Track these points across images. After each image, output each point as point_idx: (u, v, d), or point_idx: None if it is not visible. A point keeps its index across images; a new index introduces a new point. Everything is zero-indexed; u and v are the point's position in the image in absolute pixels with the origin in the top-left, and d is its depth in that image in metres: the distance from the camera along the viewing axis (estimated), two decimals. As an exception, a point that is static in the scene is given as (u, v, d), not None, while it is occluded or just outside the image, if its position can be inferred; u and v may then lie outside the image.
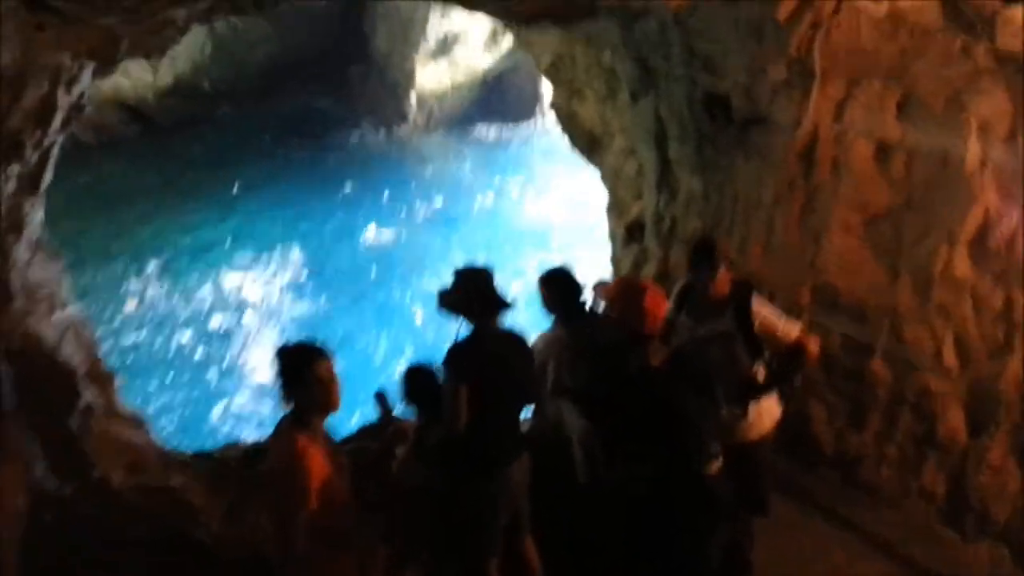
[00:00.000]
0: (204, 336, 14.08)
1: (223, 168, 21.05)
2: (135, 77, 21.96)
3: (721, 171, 6.16)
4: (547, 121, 21.64)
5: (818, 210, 5.61)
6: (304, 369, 3.49)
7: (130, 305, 14.92)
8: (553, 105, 8.72)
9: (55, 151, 4.48)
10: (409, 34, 22.53)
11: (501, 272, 4.43)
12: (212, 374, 13.02)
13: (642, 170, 7.60)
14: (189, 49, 22.39)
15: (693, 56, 5.92)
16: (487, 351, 4.32)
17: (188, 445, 6.18)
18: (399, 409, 4.70)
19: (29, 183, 4.25)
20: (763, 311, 4.48)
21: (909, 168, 5.23)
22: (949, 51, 4.97)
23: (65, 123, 4.40)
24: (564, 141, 9.00)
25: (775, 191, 5.77)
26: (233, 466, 4.95)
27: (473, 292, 4.32)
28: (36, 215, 4.53)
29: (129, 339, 13.80)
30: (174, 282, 15.83)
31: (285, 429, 3.48)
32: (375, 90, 24.08)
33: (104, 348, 12.68)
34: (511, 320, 4.42)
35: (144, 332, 14.02)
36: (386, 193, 20.05)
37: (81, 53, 4.00)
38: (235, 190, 19.95)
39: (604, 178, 8.41)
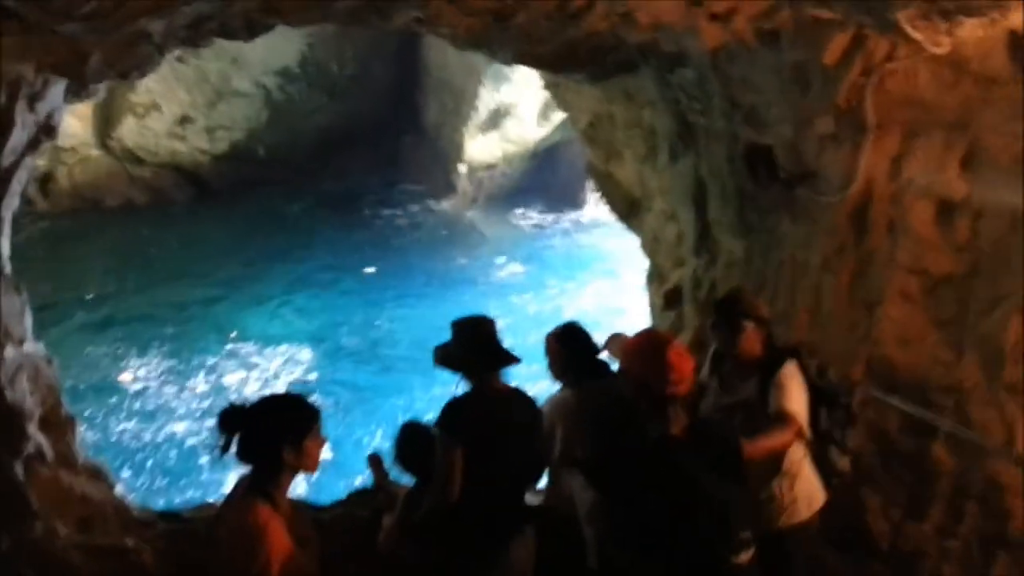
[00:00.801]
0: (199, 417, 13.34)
1: (257, 239, 21.07)
2: (191, 142, 22.39)
3: (765, 233, 5.68)
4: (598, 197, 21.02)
5: (872, 276, 5.08)
6: (305, 430, 3.08)
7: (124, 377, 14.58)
8: (589, 167, 8.35)
9: (21, 175, 4.16)
10: (460, 106, 22.61)
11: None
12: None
13: (683, 236, 7.15)
14: (246, 116, 22.84)
15: (734, 108, 5.50)
16: (487, 411, 3.88)
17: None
18: (394, 474, 4.25)
19: (-15, 209, 3.92)
20: (785, 381, 3.93)
21: (975, 230, 4.69)
22: (1018, 102, 4.48)
23: (32, 145, 4.08)
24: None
25: (824, 255, 5.26)
26: (201, 529, 4.47)
27: (472, 345, 3.89)
28: (-5, 244, 4.19)
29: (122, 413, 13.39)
30: (181, 358, 15.39)
31: (245, 497, 3.05)
32: (425, 161, 24.20)
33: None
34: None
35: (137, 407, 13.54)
36: (415, 281, 19.42)
37: (45, 67, 3.70)
38: (263, 265, 19.72)
39: (643, 244, 7.98)
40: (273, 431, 3.05)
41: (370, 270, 19.77)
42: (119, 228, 20.90)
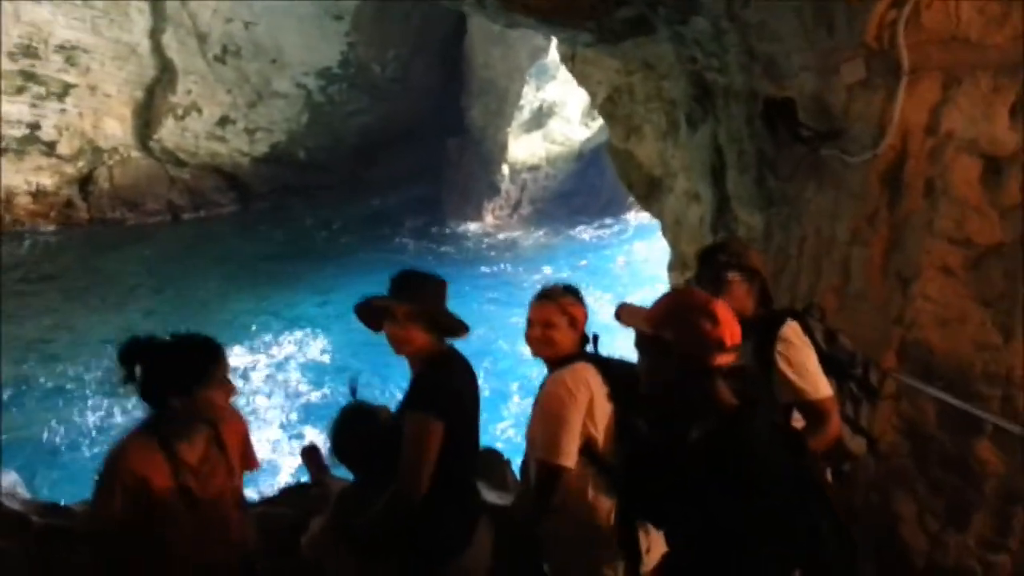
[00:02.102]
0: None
1: (286, 249, 20.89)
2: (232, 144, 22.26)
3: (787, 204, 5.02)
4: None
5: (907, 248, 4.38)
6: (195, 378, 2.89)
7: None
8: (608, 147, 7.75)
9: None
10: (503, 106, 22.14)
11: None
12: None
13: (706, 218, 6.51)
14: (286, 117, 22.64)
15: (752, 60, 4.87)
16: (460, 383, 3.33)
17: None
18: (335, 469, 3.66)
19: None
20: (795, 357, 3.29)
21: (1027, 190, 3.99)
22: (1081, 37, 3.80)
23: None
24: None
25: (852, 225, 4.57)
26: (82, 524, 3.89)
27: (439, 304, 3.32)
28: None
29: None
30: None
31: (132, 434, 2.95)
32: (470, 162, 23.73)
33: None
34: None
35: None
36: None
37: None
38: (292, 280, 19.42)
39: (664, 229, 7.34)
40: (162, 374, 2.90)
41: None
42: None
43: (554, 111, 22.10)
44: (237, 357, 15.37)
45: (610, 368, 3.37)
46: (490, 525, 3.48)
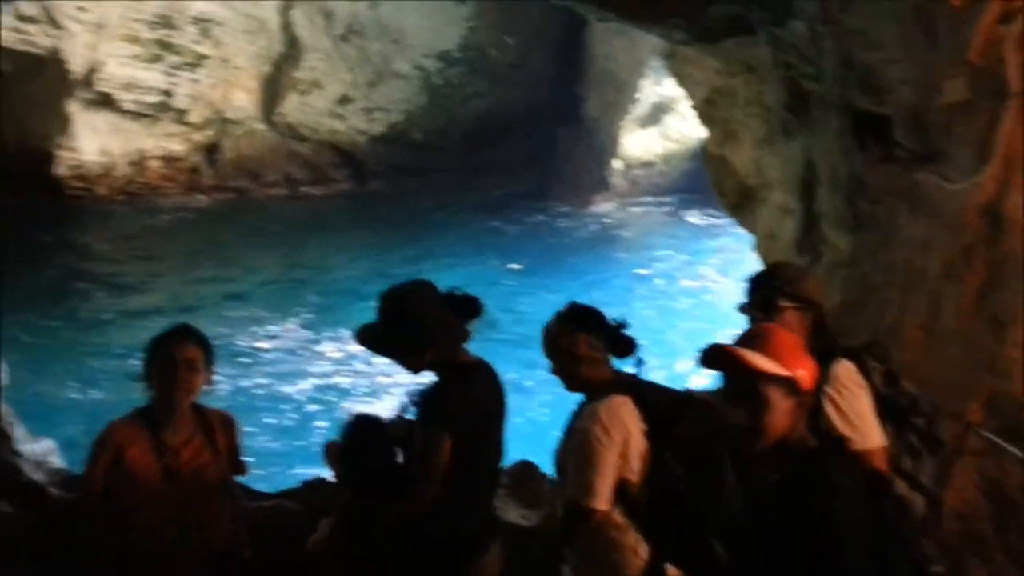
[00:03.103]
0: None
1: (402, 227, 20.98)
2: (350, 122, 22.59)
3: (876, 228, 4.60)
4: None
5: (1005, 288, 3.94)
6: (160, 350, 3.15)
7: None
8: (703, 152, 7.39)
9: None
10: (620, 99, 21.72)
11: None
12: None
13: (801, 233, 6.10)
14: (404, 98, 22.83)
15: (849, 71, 4.47)
16: (474, 392, 3.18)
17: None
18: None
19: None
20: (842, 394, 2.97)
21: None
22: None
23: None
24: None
25: (945, 258, 4.15)
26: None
27: (440, 312, 3.16)
28: None
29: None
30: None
31: (122, 417, 3.21)
32: (583, 154, 23.43)
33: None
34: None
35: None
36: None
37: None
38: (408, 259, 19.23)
39: (757, 244, 6.92)
40: (146, 353, 3.21)
41: (516, 266, 18.93)
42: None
43: (672, 107, 21.52)
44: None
45: (648, 400, 3.13)
46: (502, 545, 3.32)
